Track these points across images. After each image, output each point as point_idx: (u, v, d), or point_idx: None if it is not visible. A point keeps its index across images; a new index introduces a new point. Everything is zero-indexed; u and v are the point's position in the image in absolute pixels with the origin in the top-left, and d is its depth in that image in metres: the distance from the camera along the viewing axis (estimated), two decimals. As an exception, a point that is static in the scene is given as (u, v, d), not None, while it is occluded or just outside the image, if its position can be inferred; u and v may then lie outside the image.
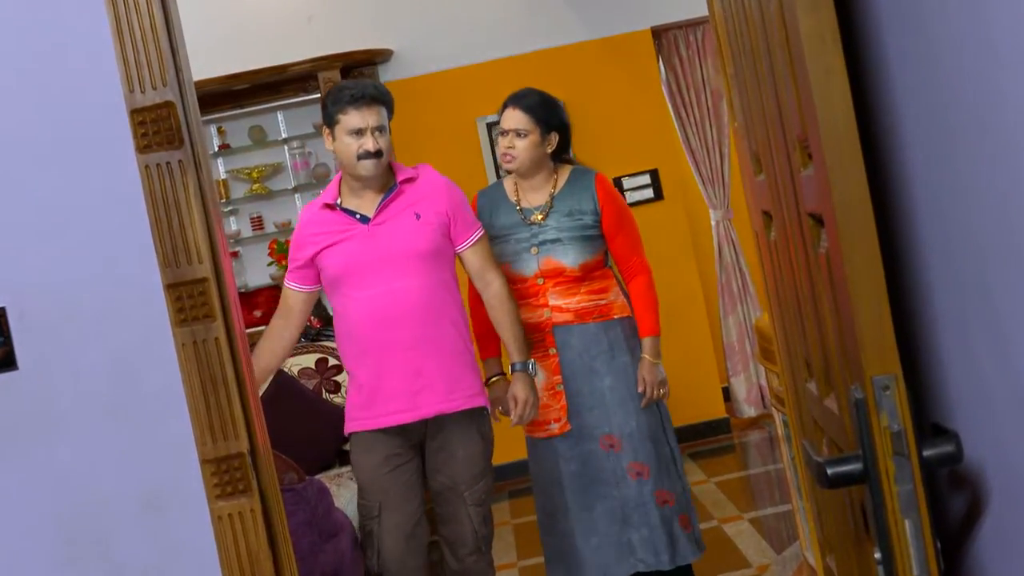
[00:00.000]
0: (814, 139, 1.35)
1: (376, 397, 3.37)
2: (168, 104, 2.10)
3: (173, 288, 2.14)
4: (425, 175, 3.46)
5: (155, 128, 2.10)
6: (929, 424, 1.47)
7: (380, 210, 3.37)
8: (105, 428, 2.20)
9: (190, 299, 2.13)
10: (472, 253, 3.47)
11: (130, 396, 2.20)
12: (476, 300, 3.71)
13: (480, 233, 3.49)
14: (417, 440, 3.43)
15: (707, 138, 6.66)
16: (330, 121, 3.38)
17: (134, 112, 2.11)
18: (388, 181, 3.41)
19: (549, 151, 3.69)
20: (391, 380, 3.34)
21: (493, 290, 3.51)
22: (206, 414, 2.14)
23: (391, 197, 3.38)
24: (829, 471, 1.36)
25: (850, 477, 1.35)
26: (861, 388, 1.33)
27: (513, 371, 3.54)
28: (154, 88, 2.10)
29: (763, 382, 6.61)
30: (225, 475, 2.14)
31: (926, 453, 1.32)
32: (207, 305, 2.12)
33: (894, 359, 1.31)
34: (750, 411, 6.73)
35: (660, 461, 3.67)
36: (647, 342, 3.69)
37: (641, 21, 6.39)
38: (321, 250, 3.39)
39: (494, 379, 3.72)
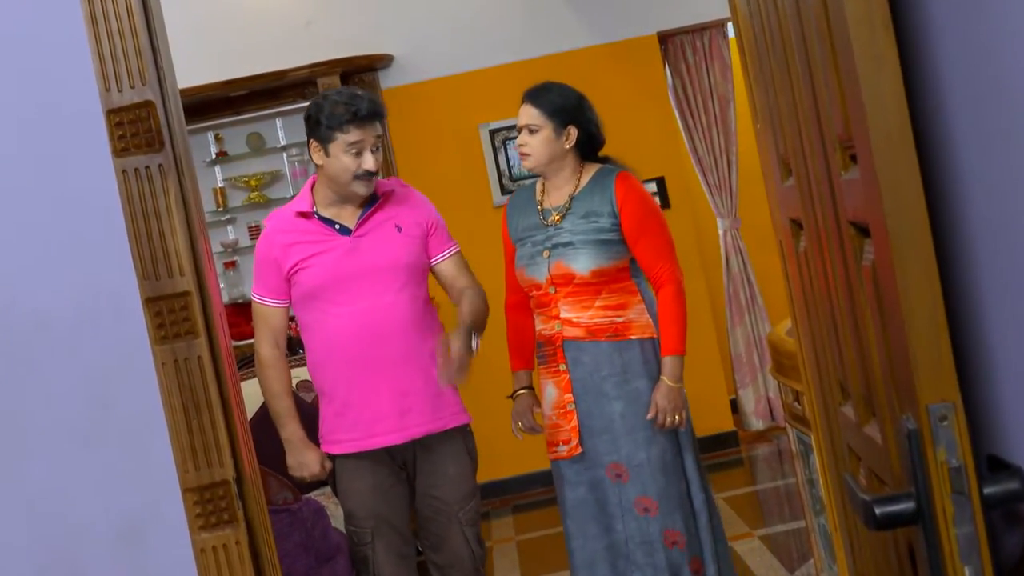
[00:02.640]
0: (861, 138, 1.22)
1: (361, 418, 3.24)
2: (147, 104, 1.98)
3: (152, 303, 2.04)
4: (401, 188, 3.39)
5: (133, 130, 1.98)
6: (985, 456, 1.34)
7: (362, 222, 3.26)
8: (79, 453, 2.11)
9: (171, 314, 2.03)
10: (447, 265, 3.36)
11: (106, 419, 2.10)
12: (512, 311, 3.61)
13: (456, 249, 3.39)
14: (403, 461, 3.32)
15: (714, 145, 6.56)
16: (324, 137, 3.19)
17: (110, 112, 2.00)
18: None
19: (567, 147, 3.47)
20: (377, 400, 3.22)
21: (467, 290, 3.32)
22: (188, 438, 2.04)
23: (373, 209, 3.27)
24: (878, 511, 1.24)
25: (901, 518, 1.24)
26: (914, 418, 1.20)
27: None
28: (132, 87, 1.98)
29: (772, 394, 6.53)
30: (208, 504, 2.05)
31: (987, 491, 1.20)
32: (189, 321, 2.02)
33: (952, 385, 1.19)
34: (758, 424, 6.64)
35: (672, 498, 3.43)
36: (667, 362, 3.41)
37: (647, 26, 6.29)
38: (299, 261, 3.25)
39: (520, 392, 3.58)
